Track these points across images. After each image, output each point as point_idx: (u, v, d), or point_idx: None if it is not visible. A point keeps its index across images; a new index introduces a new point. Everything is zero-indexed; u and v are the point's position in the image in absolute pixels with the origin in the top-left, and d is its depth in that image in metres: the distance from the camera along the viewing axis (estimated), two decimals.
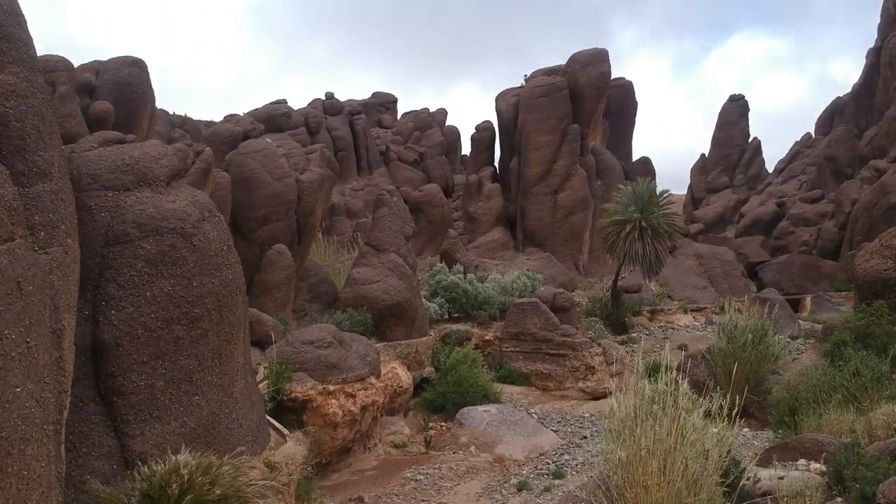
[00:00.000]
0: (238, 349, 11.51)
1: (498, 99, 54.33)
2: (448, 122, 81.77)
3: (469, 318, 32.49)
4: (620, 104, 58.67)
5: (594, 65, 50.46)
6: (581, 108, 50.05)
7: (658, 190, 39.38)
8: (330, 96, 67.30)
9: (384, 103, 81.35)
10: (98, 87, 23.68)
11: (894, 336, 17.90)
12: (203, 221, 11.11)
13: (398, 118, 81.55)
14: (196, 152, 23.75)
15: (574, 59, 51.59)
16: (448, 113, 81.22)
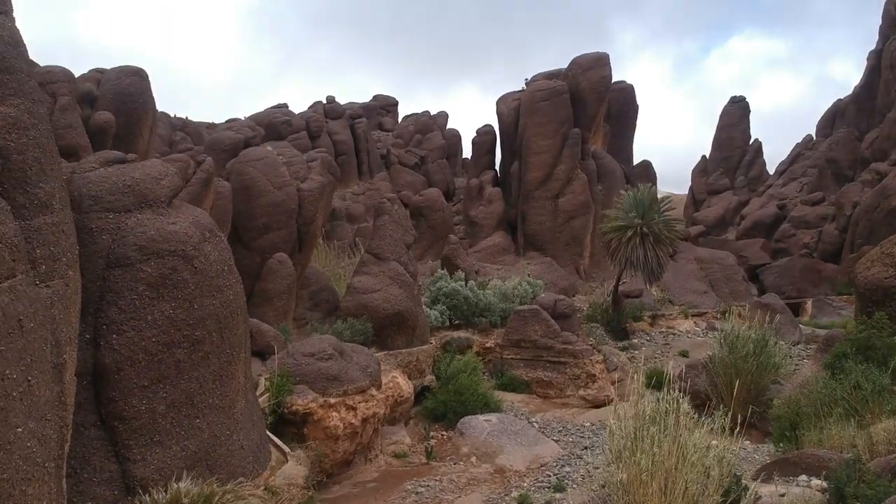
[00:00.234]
0: (239, 369, 11.51)
1: (499, 102, 54.29)
2: (449, 123, 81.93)
3: (470, 325, 32.47)
4: (621, 108, 58.62)
5: (595, 69, 50.40)
6: (582, 112, 50.00)
7: (658, 194, 39.48)
8: (331, 100, 67.32)
9: (385, 106, 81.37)
10: (99, 98, 23.71)
11: (895, 348, 17.89)
12: (204, 242, 11.12)
13: (399, 121, 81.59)
14: (197, 162, 23.76)
15: (575, 63, 51.53)
16: (449, 116, 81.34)
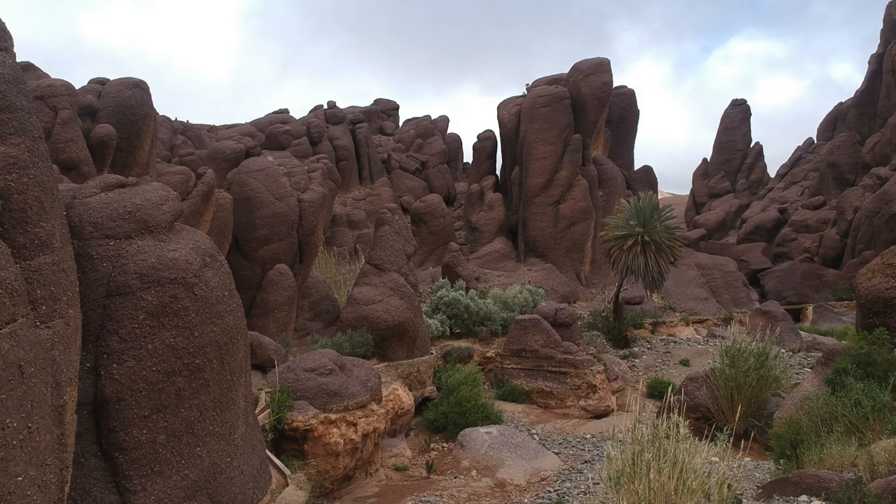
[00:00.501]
0: (239, 393, 11.52)
1: (500, 108, 54.25)
2: (449, 122, 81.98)
3: (471, 334, 32.50)
4: (622, 113, 58.62)
5: (596, 74, 50.39)
6: (583, 118, 50.01)
7: (659, 195, 39.52)
8: (332, 105, 67.31)
9: (386, 110, 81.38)
10: (100, 110, 23.72)
11: (895, 364, 17.84)
12: (204, 268, 11.13)
13: (400, 125, 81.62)
14: (198, 174, 23.78)
15: (576, 69, 51.53)
16: (450, 120, 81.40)
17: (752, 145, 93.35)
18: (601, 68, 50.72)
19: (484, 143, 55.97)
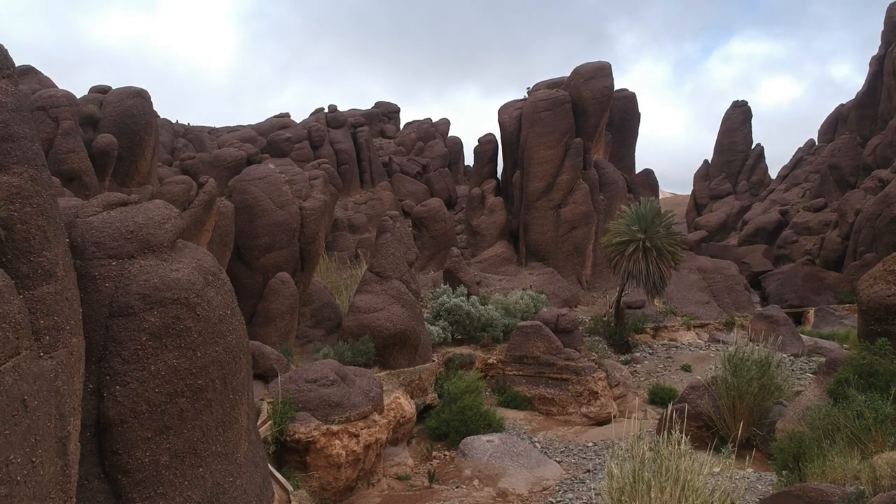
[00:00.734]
0: (241, 412, 11.53)
1: (501, 111, 54.25)
2: (450, 125, 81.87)
3: (472, 341, 32.49)
4: (623, 116, 58.57)
5: (597, 78, 50.39)
6: (584, 122, 50.00)
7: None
8: (333, 109, 67.28)
9: (387, 113, 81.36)
10: (102, 120, 23.74)
11: None
12: (207, 287, 11.14)
13: (401, 128, 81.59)
14: (199, 183, 23.79)
15: (577, 73, 51.52)
16: (451, 123, 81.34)
17: (753, 147, 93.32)
18: (602, 72, 50.71)
19: (485, 147, 55.95)
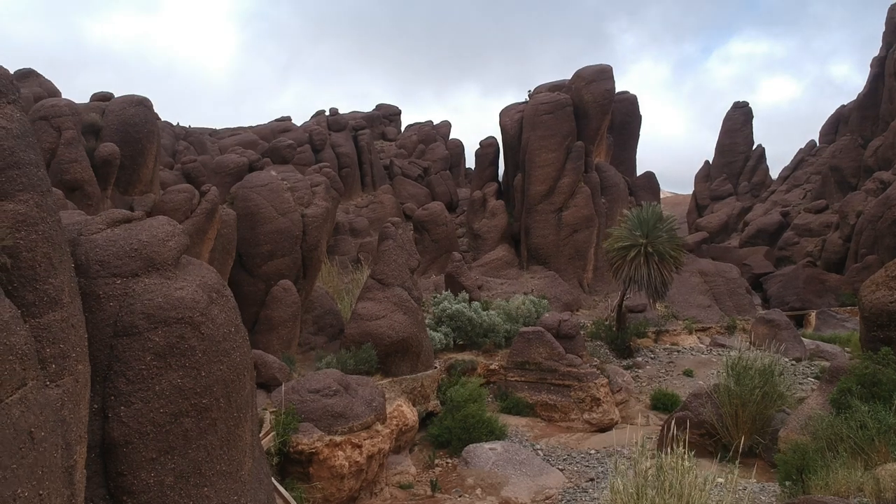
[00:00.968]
0: (246, 429, 11.53)
1: (502, 114, 54.21)
2: (451, 127, 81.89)
3: (474, 346, 32.49)
4: (624, 118, 58.53)
5: (599, 81, 50.37)
6: (585, 125, 49.96)
7: (661, 208, 39.43)
8: (334, 112, 67.27)
9: (388, 115, 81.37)
10: (104, 128, 23.74)
11: None
12: (211, 305, 11.13)
13: (402, 130, 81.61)
14: (202, 192, 23.80)
15: (578, 76, 51.50)
16: (451, 125, 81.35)
17: (755, 148, 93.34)
18: (603, 75, 50.69)
19: (486, 150, 55.94)
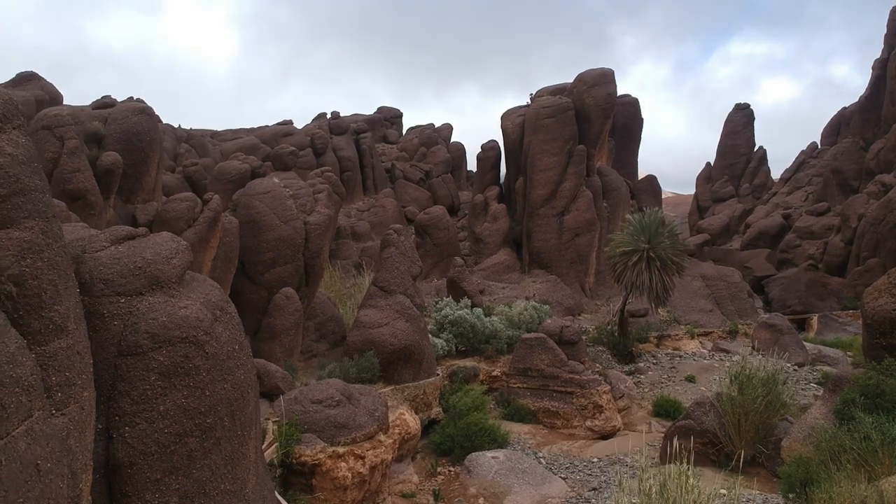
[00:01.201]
0: (250, 447, 11.53)
1: (503, 118, 54.21)
2: (452, 130, 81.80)
3: (476, 352, 32.48)
4: (626, 121, 58.52)
5: (600, 85, 50.33)
6: (587, 129, 49.93)
7: (663, 213, 39.43)
8: (336, 116, 67.25)
9: (389, 118, 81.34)
10: (107, 137, 23.74)
11: None
12: (215, 323, 11.13)
13: (403, 133, 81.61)
14: (204, 200, 23.81)
15: (580, 80, 51.47)
16: (453, 128, 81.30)
17: (756, 149, 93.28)
18: (605, 79, 50.66)
19: (488, 154, 55.92)
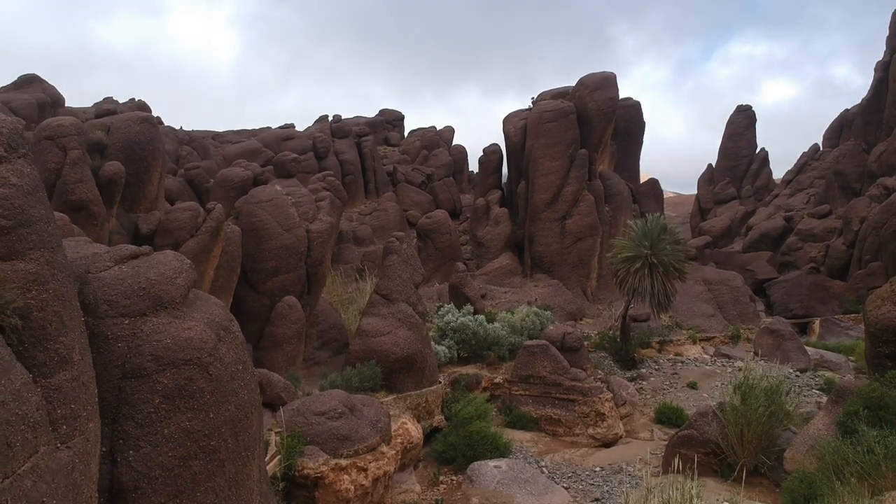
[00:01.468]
0: (253, 467, 11.54)
1: (505, 122, 54.18)
2: (454, 133, 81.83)
3: (478, 359, 32.45)
4: (627, 125, 58.39)
5: (602, 89, 50.29)
6: (589, 133, 49.88)
7: (665, 219, 39.41)
8: (337, 119, 67.26)
9: (391, 120, 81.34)
10: (109, 146, 23.77)
11: None
12: (219, 343, 11.13)
13: (405, 135, 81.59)
14: (207, 209, 23.81)
15: (582, 83, 51.41)
16: (455, 131, 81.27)
17: (758, 151, 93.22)
18: (607, 83, 50.61)
19: (489, 157, 55.88)
